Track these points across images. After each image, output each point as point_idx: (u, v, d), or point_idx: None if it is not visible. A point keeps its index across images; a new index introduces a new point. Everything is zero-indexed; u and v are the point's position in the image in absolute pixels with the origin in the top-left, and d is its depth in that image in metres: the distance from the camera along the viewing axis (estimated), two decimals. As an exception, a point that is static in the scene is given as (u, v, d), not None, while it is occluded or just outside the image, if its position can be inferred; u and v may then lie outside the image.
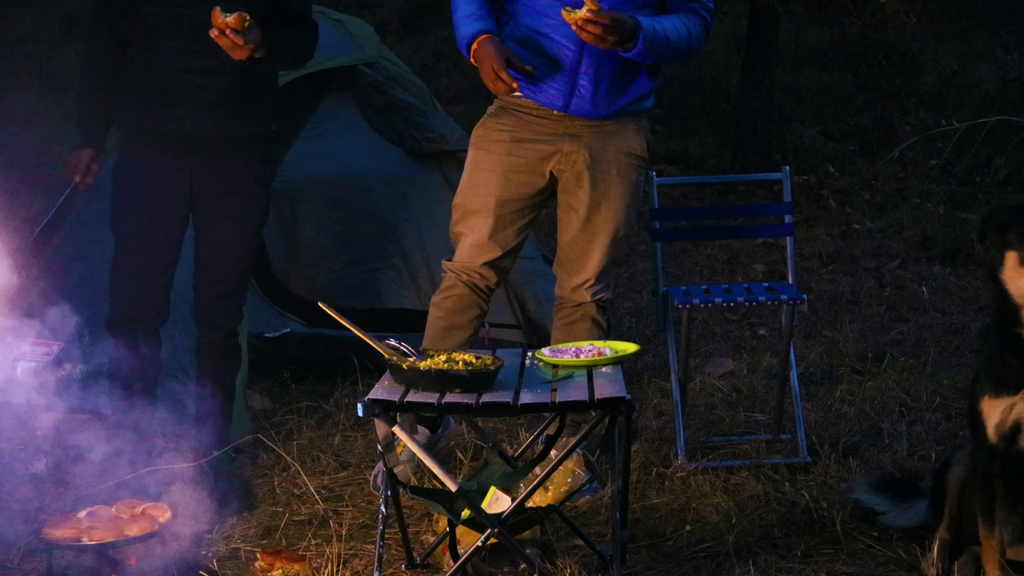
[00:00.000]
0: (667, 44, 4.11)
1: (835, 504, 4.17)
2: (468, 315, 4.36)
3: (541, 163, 4.28)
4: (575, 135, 4.25)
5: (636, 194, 4.36)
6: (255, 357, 5.07)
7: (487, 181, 4.30)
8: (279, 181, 6.04)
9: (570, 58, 4.16)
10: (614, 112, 4.24)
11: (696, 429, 4.93)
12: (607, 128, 4.27)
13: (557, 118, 4.24)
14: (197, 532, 4.13)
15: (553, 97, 4.21)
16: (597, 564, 3.78)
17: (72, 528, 3.62)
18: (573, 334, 4.34)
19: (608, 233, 4.31)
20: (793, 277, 4.91)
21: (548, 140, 4.26)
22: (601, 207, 4.29)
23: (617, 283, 4.55)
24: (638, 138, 4.33)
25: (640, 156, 4.34)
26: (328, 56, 5.57)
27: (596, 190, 4.28)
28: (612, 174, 4.29)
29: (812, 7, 10.00)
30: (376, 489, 4.35)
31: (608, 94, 4.20)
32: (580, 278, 4.35)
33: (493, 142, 4.32)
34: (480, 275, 4.36)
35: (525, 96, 4.24)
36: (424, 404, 3.49)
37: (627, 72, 4.22)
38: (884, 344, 5.93)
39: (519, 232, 4.36)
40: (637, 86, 4.25)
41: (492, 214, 4.29)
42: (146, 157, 4.26)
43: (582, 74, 4.17)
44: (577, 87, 4.18)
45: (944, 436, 4.84)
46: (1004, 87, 10.92)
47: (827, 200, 8.70)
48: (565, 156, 4.26)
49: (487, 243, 4.32)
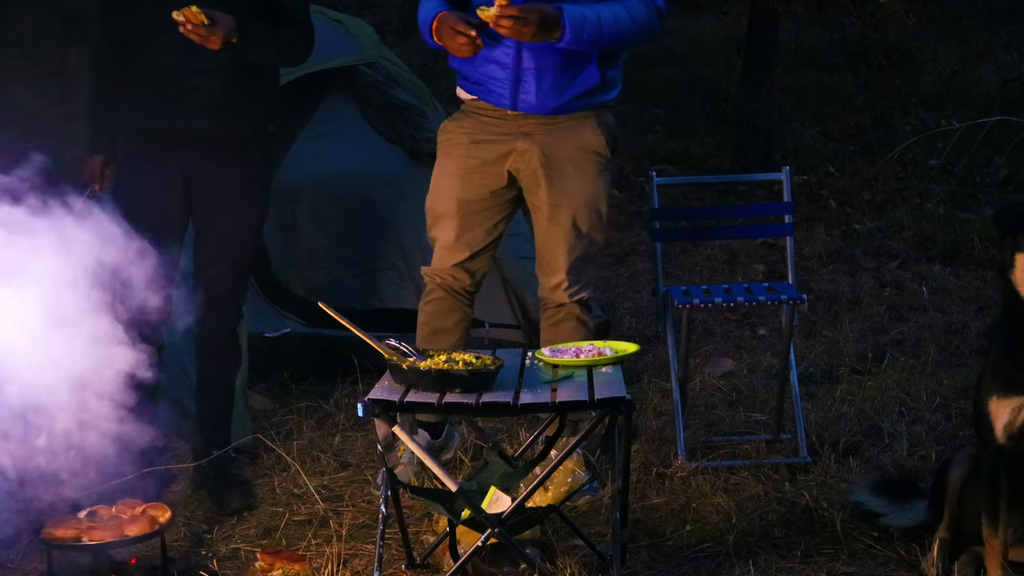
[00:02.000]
0: (603, 30, 4.08)
1: (835, 504, 4.17)
2: (451, 319, 4.36)
3: (498, 162, 4.29)
4: (528, 133, 4.25)
5: (598, 190, 4.33)
6: (255, 357, 5.07)
7: (449, 184, 4.33)
8: (279, 181, 6.04)
9: (510, 55, 4.17)
10: (565, 106, 4.23)
11: (696, 429, 4.93)
12: (562, 124, 4.26)
13: (511, 117, 4.25)
14: (197, 532, 4.15)
15: (501, 97, 4.22)
16: (597, 564, 3.78)
17: (72, 528, 3.62)
18: (559, 334, 4.34)
19: (571, 231, 4.29)
20: (793, 277, 4.91)
21: (503, 140, 4.27)
22: (562, 205, 4.28)
23: (597, 281, 4.51)
24: (597, 133, 4.30)
25: (599, 152, 4.31)
26: (328, 56, 5.56)
27: (554, 188, 4.27)
28: (569, 172, 4.27)
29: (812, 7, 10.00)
30: (377, 489, 4.36)
31: (554, 88, 4.19)
32: (555, 279, 4.35)
33: (454, 145, 4.34)
34: (453, 277, 4.37)
35: (478, 98, 4.28)
36: (424, 404, 3.49)
37: (573, 65, 4.19)
38: (884, 344, 5.93)
39: (488, 232, 4.35)
40: (586, 78, 4.22)
41: (456, 216, 4.31)
42: (143, 157, 4.27)
43: (524, 70, 4.18)
44: (521, 84, 4.19)
45: (944, 436, 4.84)
46: (1004, 87, 10.92)
47: (827, 200, 8.69)
48: (520, 155, 4.27)
49: (455, 245, 4.34)
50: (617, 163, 4.45)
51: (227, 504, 4.32)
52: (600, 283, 4.49)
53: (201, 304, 4.41)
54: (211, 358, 4.45)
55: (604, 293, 6.74)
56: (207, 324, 4.42)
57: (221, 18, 4.02)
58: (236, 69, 4.17)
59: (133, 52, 4.23)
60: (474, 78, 4.27)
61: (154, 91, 4.19)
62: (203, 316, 4.42)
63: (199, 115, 4.18)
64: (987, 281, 6.91)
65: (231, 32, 4.04)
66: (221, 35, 4.01)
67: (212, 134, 4.23)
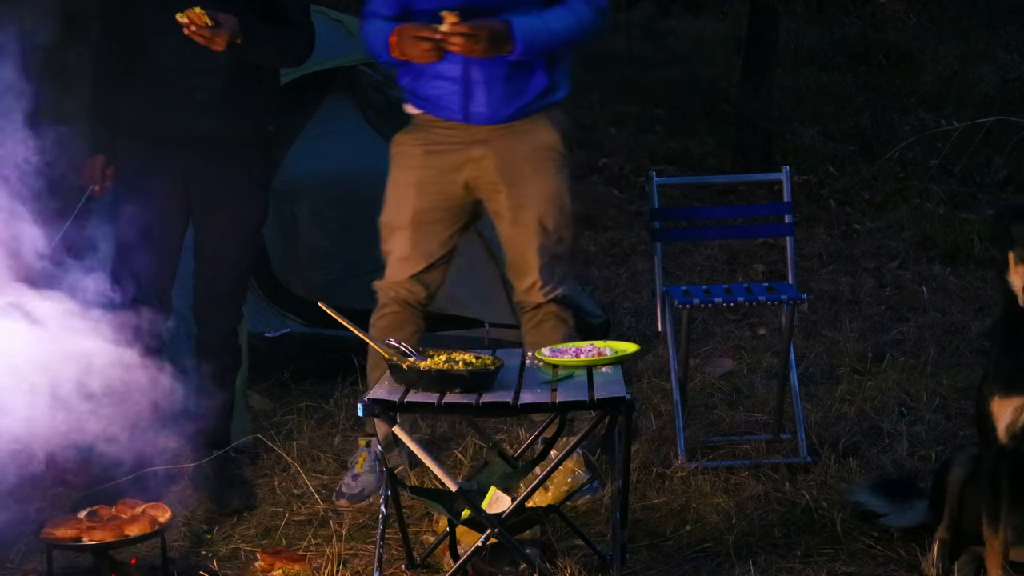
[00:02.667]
0: (554, 37, 4.09)
1: (835, 504, 4.17)
2: (405, 332, 4.33)
3: (453, 172, 4.29)
4: (483, 140, 4.25)
5: (559, 188, 4.32)
6: (255, 357, 5.07)
7: (404, 196, 4.33)
8: (279, 181, 6.04)
9: (458, 70, 4.17)
10: (517, 113, 4.23)
11: (696, 429, 4.93)
12: (516, 127, 4.26)
13: (464, 128, 4.25)
14: (197, 532, 4.15)
15: (452, 112, 4.23)
16: (597, 564, 3.78)
17: (72, 528, 3.62)
18: (541, 336, 4.34)
19: (537, 231, 4.29)
20: (793, 277, 4.90)
21: (457, 148, 4.27)
22: (524, 207, 4.28)
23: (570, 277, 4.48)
24: (551, 132, 4.30)
25: (555, 149, 4.31)
26: (328, 56, 5.56)
27: (514, 191, 4.27)
28: (527, 173, 4.27)
29: (812, 7, 9.99)
30: (340, 498, 4.36)
31: (504, 97, 4.20)
32: (527, 281, 4.35)
33: (407, 157, 4.34)
34: (408, 291, 4.37)
35: (428, 113, 4.28)
36: (424, 404, 3.49)
37: (520, 72, 4.20)
38: (884, 344, 5.93)
39: (443, 243, 4.35)
40: (535, 84, 4.22)
41: (411, 227, 4.31)
42: (142, 157, 4.27)
43: (473, 83, 4.18)
44: (471, 97, 4.19)
45: (944, 436, 4.84)
46: (1004, 87, 10.93)
47: (827, 200, 8.69)
48: (476, 162, 4.26)
49: (410, 257, 4.34)
50: (572, 159, 4.44)
51: (227, 504, 4.32)
52: (569, 280, 4.45)
53: (201, 304, 4.42)
54: (211, 358, 4.45)
55: (604, 293, 6.75)
56: (207, 324, 4.42)
57: (225, 20, 4.02)
58: (236, 69, 4.17)
59: (133, 53, 4.23)
60: (423, 94, 4.27)
61: (154, 91, 4.19)
62: (203, 316, 4.42)
63: (199, 115, 4.18)
64: (987, 281, 6.91)
65: (235, 33, 4.04)
66: (226, 36, 4.01)
67: (212, 134, 4.23)
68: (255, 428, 4.88)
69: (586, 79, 11.88)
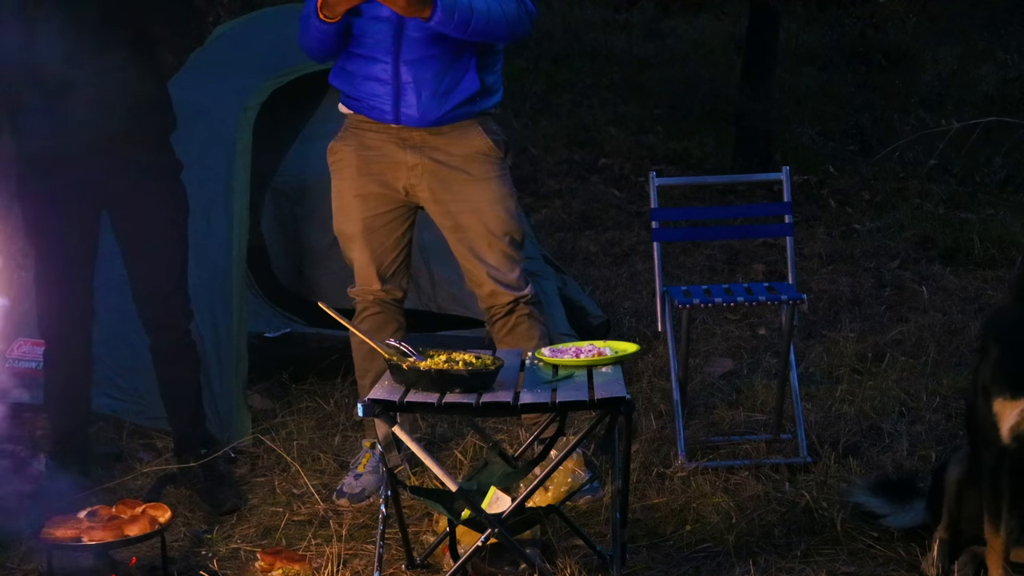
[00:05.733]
0: (473, 16, 4.03)
1: (835, 504, 4.17)
2: (388, 331, 4.31)
3: (392, 179, 4.28)
4: (416, 147, 4.23)
5: (499, 190, 4.29)
6: (255, 357, 5.07)
7: (350, 206, 4.32)
8: (279, 181, 6.06)
9: (388, 70, 4.16)
10: (447, 115, 4.20)
11: (696, 429, 4.93)
12: (446, 133, 4.23)
13: (395, 131, 4.23)
14: (197, 532, 4.15)
15: (383, 112, 4.21)
16: (597, 564, 3.78)
17: (72, 528, 3.62)
18: (517, 338, 4.33)
19: (482, 236, 4.28)
20: (793, 277, 4.91)
21: (391, 156, 4.25)
22: (465, 212, 4.27)
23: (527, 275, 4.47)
24: (483, 137, 4.27)
25: (488, 154, 4.28)
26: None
27: (453, 199, 4.26)
28: (462, 179, 4.25)
29: (812, 7, 9.98)
30: (340, 497, 4.36)
31: (435, 98, 4.17)
32: (485, 288, 4.33)
33: (345, 166, 4.33)
34: (382, 291, 4.37)
35: (360, 113, 4.26)
36: (424, 404, 3.49)
37: (451, 73, 4.18)
38: (884, 344, 5.93)
39: (397, 243, 4.34)
40: (466, 86, 4.20)
41: (363, 236, 4.31)
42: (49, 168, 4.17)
43: (403, 83, 4.16)
44: (402, 97, 4.17)
45: (944, 436, 4.84)
46: (1004, 87, 10.93)
47: (827, 200, 8.69)
48: (410, 170, 4.25)
49: (371, 262, 4.33)
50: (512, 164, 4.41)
51: (221, 504, 4.32)
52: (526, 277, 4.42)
53: (146, 309, 4.34)
54: (169, 363, 4.40)
55: (604, 293, 6.75)
56: (158, 328, 4.37)
57: None
58: (127, 67, 4.10)
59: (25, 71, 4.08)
60: (355, 95, 4.25)
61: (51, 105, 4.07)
62: (151, 320, 4.36)
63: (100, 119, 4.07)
64: (987, 281, 6.91)
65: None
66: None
67: (116, 134, 4.12)
68: (255, 428, 4.88)
69: (586, 79, 11.91)
